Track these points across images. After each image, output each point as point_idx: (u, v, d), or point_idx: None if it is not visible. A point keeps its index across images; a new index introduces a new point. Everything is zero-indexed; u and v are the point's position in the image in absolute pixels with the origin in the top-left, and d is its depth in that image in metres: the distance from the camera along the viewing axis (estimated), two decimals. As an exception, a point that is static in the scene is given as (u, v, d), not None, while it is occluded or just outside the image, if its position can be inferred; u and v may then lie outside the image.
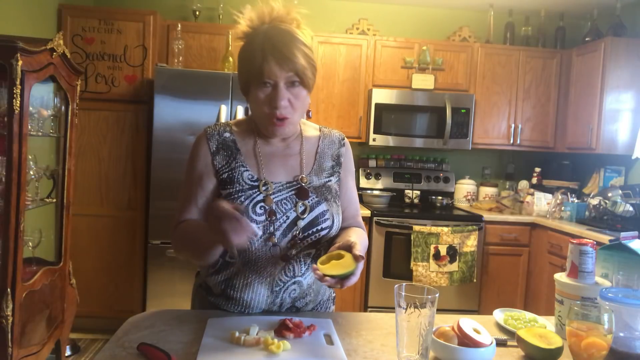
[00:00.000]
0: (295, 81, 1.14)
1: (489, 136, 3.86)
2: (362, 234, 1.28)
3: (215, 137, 1.24)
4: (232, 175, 1.20)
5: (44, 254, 2.54)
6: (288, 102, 1.15)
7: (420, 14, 4.11)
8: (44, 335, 2.35)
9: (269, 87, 1.14)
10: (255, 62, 1.12)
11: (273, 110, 1.14)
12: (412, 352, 0.93)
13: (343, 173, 1.32)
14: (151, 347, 0.96)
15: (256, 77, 1.13)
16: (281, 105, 1.13)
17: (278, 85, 1.13)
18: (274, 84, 1.13)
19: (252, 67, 1.13)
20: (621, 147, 3.45)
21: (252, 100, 1.18)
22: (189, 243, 1.18)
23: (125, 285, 3.40)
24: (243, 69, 1.17)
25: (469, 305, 3.50)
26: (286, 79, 1.13)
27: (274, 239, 1.17)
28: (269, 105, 1.15)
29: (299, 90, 1.15)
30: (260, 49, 1.12)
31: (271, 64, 1.11)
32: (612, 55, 3.39)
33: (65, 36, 3.27)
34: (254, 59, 1.12)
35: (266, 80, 1.12)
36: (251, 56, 1.13)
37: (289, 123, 1.18)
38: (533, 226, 3.58)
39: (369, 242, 3.41)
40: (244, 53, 1.17)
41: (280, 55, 1.11)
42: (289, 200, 1.20)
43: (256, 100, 1.16)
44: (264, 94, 1.14)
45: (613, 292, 1.04)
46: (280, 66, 1.11)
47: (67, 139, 2.57)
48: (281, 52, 1.11)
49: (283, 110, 1.15)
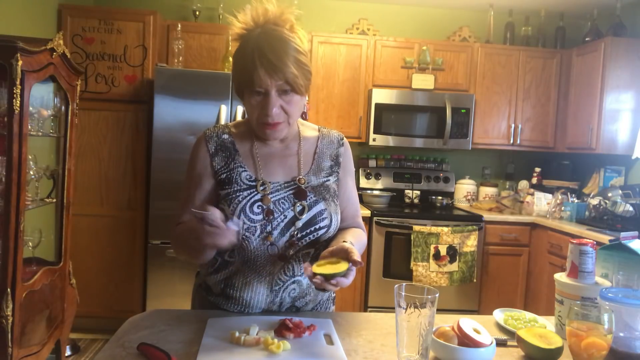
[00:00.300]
0: (287, 89, 1.13)
1: (489, 136, 3.86)
2: (359, 235, 1.28)
3: (213, 139, 1.25)
4: (231, 175, 1.21)
5: (44, 254, 2.54)
6: (280, 109, 1.15)
7: (420, 14, 4.11)
8: (44, 335, 2.35)
9: (261, 95, 1.14)
10: (247, 70, 1.12)
11: (265, 117, 1.15)
12: (412, 352, 0.93)
13: (342, 173, 1.31)
14: (151, 347, 0.96)
15: (247, 85, 1.13)
16: (272, 113, 1.14)
17: (269, 94, 1.13)
18: (265, 92, 1.13)
19: (244, 74, 1.13)
20: (621, 147, 3.45)
21: (245, 104, 1.19)
22: (184, 244, 1.19)
23: (125, 285, 3.40)
24: (236, 74, 1.18)
25: (469, 305, 3.50)
26: (277, 87, 1.12)
27: (271, 237, 1.18)
28: (260, 112, 1.15)
29: (291, 97, 1.15)
30: (251, 57, 1.11)
31: (261, 73, 1.10)
32: (612, 55, 3.39)
33: (65, 36, 3.27)
34: (245, 67, 1.12)
35: (257, 89, 1.13)
36: (243, 63, 1.13)
37: (282, 128, 1.19)
38: (533, 226, 3.58)
39: (369, 243, 3.41)
40: (236, 58, 1.17)
41: (269, 65, 1.10)
42: (286, 199, 1.20)
43: (249, 105, 1.17)
44: (256, 101, 1.15)
45: (613, 292, 1.04)
46: (270, 76, 1.10)
47: (67, 139, 2.57)
48: (270, 62, 1.10)
49: (275, 117, 1.15)
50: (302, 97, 1.18)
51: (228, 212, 1.16)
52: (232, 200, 1.17)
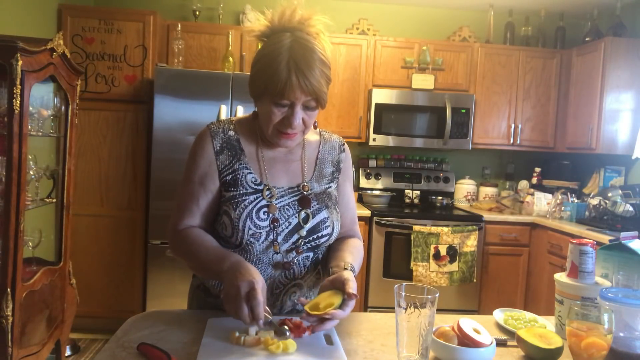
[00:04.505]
0: (313, 105, 1.12)
1: (489, 136, 3.85)
2: (358, 250, 1.27)
3: (219, 135, 1.21)
4: (236, 177, 1.19)
5: (44, 254, 2.54)
6: (301, 121, 1.13)
7: (420, 14, 4.11)
8: (44, 335, 2.35)
9: (285, 107, 1.11)
10: (276, 79, 1.07)
11: (286, 128, 1.13)
12: (412, 352, 0.93)
13: (341, 179, 1.31)
14: (151, 347, 0.96)
15: (274, 93, 1.09)
16: (295, 125, 1.12)
17: (295, 106, 1.10)
18: (291, 104, 1.11)
19: (272, 82, 1.08)
20: (621, 147, 3.45)
21: (263, 110, 1.15)
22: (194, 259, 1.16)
23: (125, 285, 3.40)
24: (261, 78, 1.11)
25: (469, 305, 3.50)
26: (304, 101, 1.11)
27: (277, 247, 1.17)
28: (281, 123, 1.13)
29: (314, 110, 1.14)
30: (285, 67, 1.07)
31: (294, 86, 1.07)
32: (612, 55, 3.39)
33: (65, 36, 3.27)
34: (275, 76, 1.07)
35: (284, 102, 1.10)
36: (273, 71, 1.08)
37: (297, 138, 1.18)
38: (533, 226, 3.58)
39: (369, 243, 3.42)
40: (264, 63, 1.11)
41: (303, 79, 1.07)
42: (290, 206, 1.19)
43: (268, 113, 1.13)
44: (279, 110, 1.11)
45: (613, 292, 1.04)
46: (301, 89, 1.08)
47: (67, 139, 2.57)
48: (305, 76, 1.07)
49: (296, 129, 1.14)
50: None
51: (233, 217, 1.14)
52: (238, 205, 1.15)
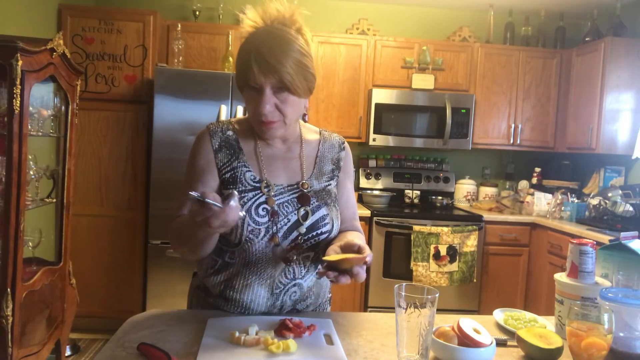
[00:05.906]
0: (282, 87, 1.12)
1: (489, 136, 3.86)
2: (361, 237, 1.28)
3: (218, 135, 1.24)
4: (235, 175, 1.20)
5: (44, 254, 2.54)
6: (274, 107, 1.14)
7: (420, 14, 4.11)
8: (44, 335, 2.35)
9: (256, 92, 1.13)
10: (243, 65, 1.13)
11: (259, 114, 1.14)
12: (412, 352, 0.93)
13: (342, 176, 1.32)
14: (151, 347, 0.96)
15: (244, 81, 1.14)
16: (265, 110, 1.13)
17: (263, 91, 1.12)
18: (259, 89, 1.12)
19: (241, 70, 1.14)
20: (621, 147, 3.45)
21: (245, 101, 1.19)
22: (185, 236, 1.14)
23: (125, 285, 3.40)
24: (237, 70, 1.19)
25: (469, 305, 3.50)
26: (272, 85, 1.12)
27: (277, 239, 1.17)
28: (255, 109, 1.15)
29: (287, 96, 1.14)
30: (247, 54, 1.12)
31: (255, 70, 1.10)
32: (612, 55, 3.39)
33: (65, 36, 3.27)
34: (242, 63, 1.13)
35: (252, 84, 1.13)
36: (240, 59, 1.14)
37: (277, 127, 1.17)
38: (533, 226, 3.58)
39: (369, 243, 3.41)
40: (238, 54, 1.18)
41: (263, 63, 1.09)
42: (290, 203, 1.20)
43: (246, 100, 1.18)
44: (252, 97, 1.15)
45: (613, 292, 1.04)
46: (264, 74, 1.10)
47: (67, 139, 2.57)
48: (265, 60, 1.09)
49: (269, 116, 1.14)
50: (300, 99, 1.17)
51: None
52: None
